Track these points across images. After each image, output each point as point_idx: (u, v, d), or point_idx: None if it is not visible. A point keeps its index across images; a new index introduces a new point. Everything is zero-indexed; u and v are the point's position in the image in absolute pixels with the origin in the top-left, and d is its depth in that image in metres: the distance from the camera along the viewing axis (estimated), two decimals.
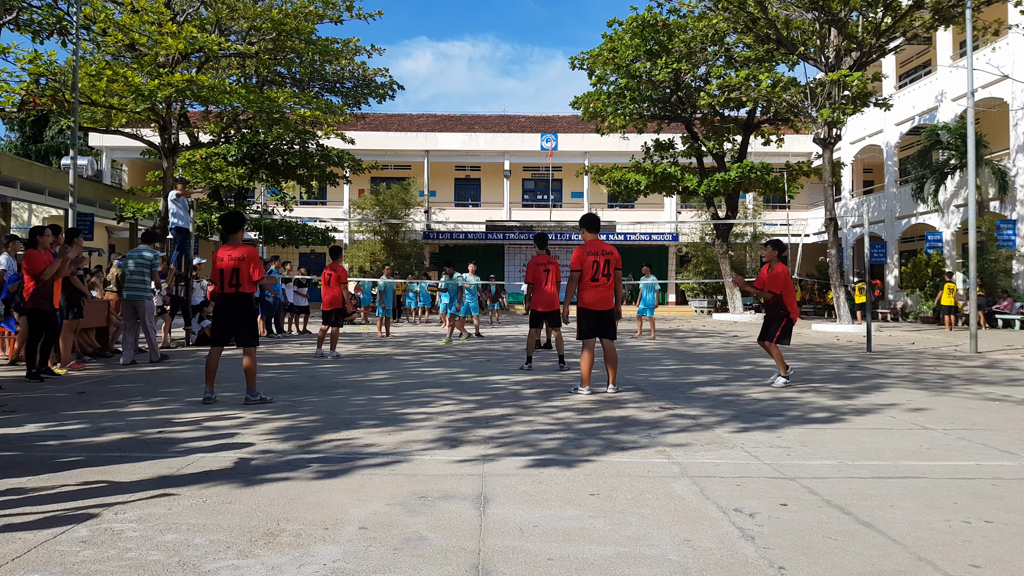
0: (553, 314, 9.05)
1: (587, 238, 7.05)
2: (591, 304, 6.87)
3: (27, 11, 12.26)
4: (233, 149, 23.69)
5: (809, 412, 5.95)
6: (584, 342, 6.98)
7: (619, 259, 6.98)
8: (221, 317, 6.35)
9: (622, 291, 7.08)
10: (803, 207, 37.36)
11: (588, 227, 7.08)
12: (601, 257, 6.84)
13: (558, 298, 8.82)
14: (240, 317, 6.30)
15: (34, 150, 41.07)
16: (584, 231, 7.09)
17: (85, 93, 15.59)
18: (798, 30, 20.68)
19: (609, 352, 6.99)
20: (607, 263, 6.84)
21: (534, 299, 9.01)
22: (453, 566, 2.59)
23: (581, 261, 6.83)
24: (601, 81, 24.51)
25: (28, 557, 2.62)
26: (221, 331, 6.37)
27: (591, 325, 6.92)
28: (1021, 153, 21.71)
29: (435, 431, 5.02)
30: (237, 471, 3.89)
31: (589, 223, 7.11)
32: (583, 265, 6.82)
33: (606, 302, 6.89)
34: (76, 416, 5.53)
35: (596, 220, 7.19)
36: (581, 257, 6.83)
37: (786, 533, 2.97)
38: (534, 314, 9.13)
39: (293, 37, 19.34)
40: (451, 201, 39.78)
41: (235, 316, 6.29)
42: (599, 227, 7.16)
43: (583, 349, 6.98)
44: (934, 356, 11.50)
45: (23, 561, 2.59)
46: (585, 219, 7.18)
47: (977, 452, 4.51)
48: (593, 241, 6.99)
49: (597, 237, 7.08)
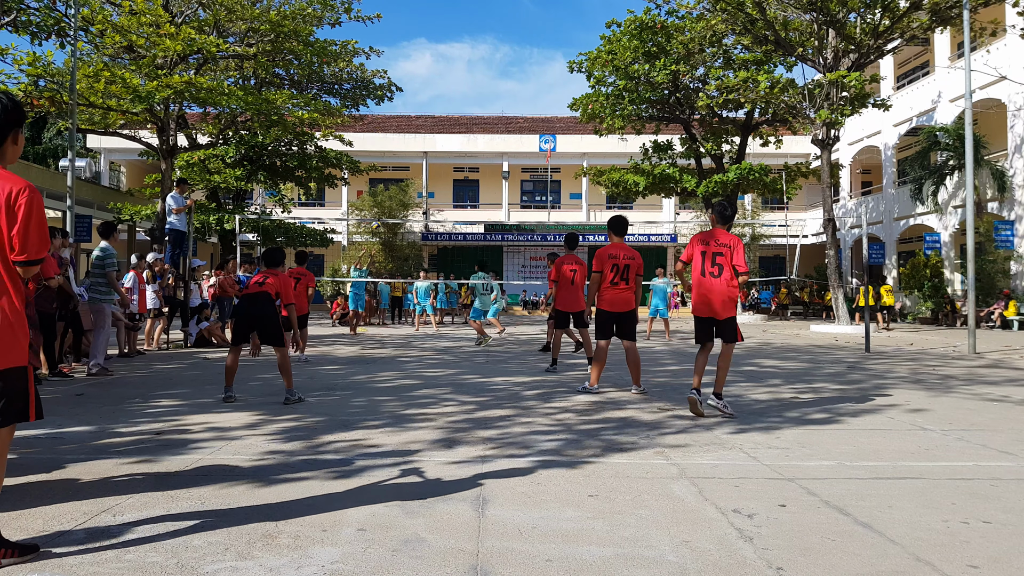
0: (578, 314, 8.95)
1: (612, 240, 7.06)
2: (609, 306, 6.88)
3: (25, 12, 12.25)
4: (231, 151, 23.68)
5: (808, 413, 5.95)
6: (598, 343, 7.00)
7: (641, 264, 6.95)
8: (242, 316, 6.40)
9: (640, 295, 7.05)
10: (801, 208, 37.39)
11: (613, 229, 7.10)
12: (622, 260, 6.83)
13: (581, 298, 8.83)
14: (261, 315, 6.33)
15: (32, 152, 41.05)
16: (610, 233, 7.12)
17: (83, 95, 15.58)
18: (796, 31, 20.71)
19: (630, 353, 6.97)
20: (627, 267, 6.83)
21: (558, 299, 8.97)
22: (452, 568, 2.59)
23: (601, 262, 6.86)
24: (599, 83, 24.53)
25: (26, 558, 2.62)
26: (242, 330, 6.42)
27: (608, 326, 6.93)
28: (1019, 154, 21.75)
29: (435, 432, 5.02)
30: (235, 472, 3.89)
31: (614, 225, 7.11)
32: (603, 266, 6.85)
33: (625, 304, 6.86)
34: (74, 418, 5.52)
35: (620, 222, 7.14)
36: (602, 258, 6.87)
37: (785, 534, 2.97)
38: (559, 314, 9.14)
39: (291, 39, 19.35)
40: (449, 202, 39.78)
41: (256, 315, 6.33)
42: (624, 230, 7.13)
43: (596, 349, 7.00)
44: (932, 357, 11.51)
45: (22, 561, 2.59)
46: (610, 221, 7.17)
47: (975, 453, 4.52)
48: (616, 244, 6.99)
49: (622, 240, 7.07)
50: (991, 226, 21.17)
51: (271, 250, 6.86)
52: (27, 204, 2.60)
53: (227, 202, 26.47)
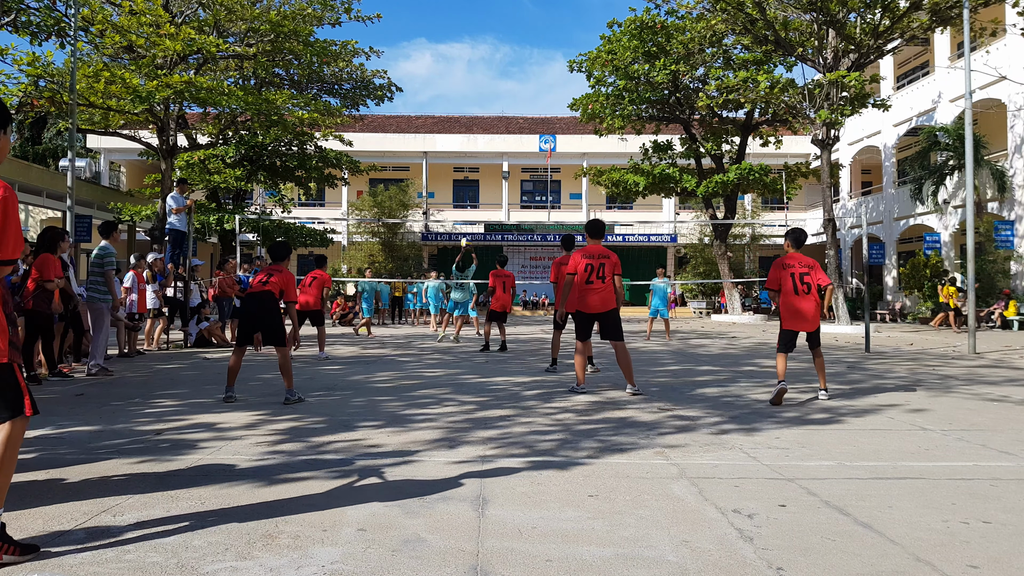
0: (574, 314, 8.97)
1: (589, 243, 7.18)
2: (585, 307, 7.00)
3: (25, 12, 12.25)
4: (231, 151, 23.69)
5: (808, 413, 5.95)
6: (576, 343, 7.11)
7: (617, 263, 7.03)
8: (245, 316, 6.41)
9: (622, 294, 7.09)
10: (801, 208, 37.40)
11: (589, 232, 7.22)
12: (596, 260, 6.92)
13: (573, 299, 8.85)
14: (264, 315, 6.33)
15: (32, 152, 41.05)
16: (587, 235, 7.22)
17: (83, 95, 15.58)
18: (796, 31, 20.71)
19: (618, 354, 6.98)
20: (602, 266, 6.92)
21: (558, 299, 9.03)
22: (452, 568, 2.59)
23: (575, 264, 6.98)
24: (599, 83, 24.54)
25: (26, 557, 2.62)
26: (245, 331, 6.42)
27: (585, 327, 7.06)
28: (1019, 154, 21.75)
29: (435, 432, 5.02)
30: (235, 472, 3.89)
31: (589, 228, 7.25)
32: (576, 267, 6.95)
33: (602, 304, 6.94)
34: (74, 418, 5.52)
35: (595, 226, 7.25)
36: (575, 260, 6.99)
37: (784, 534, 2.97)
38: None
39: (291, 39, 19.35)
40: (449, 202, 39.80)
41: (259, 314, 6.34)
42: (600, 233, 7.24)
43: (576, 349, 7.09)
44: (932, 357, 11.51)
45: (22, 560, 2.59)
46: (587, 225, 7.33)
47: (975, 453, 4.52)
48: (591, 245, 7.11)
49: (599, 242, 7.17)
50: (991, 226, 21.17)
51: (278, 244, 6.84)
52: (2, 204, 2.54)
53: (227, 202, 26.49)
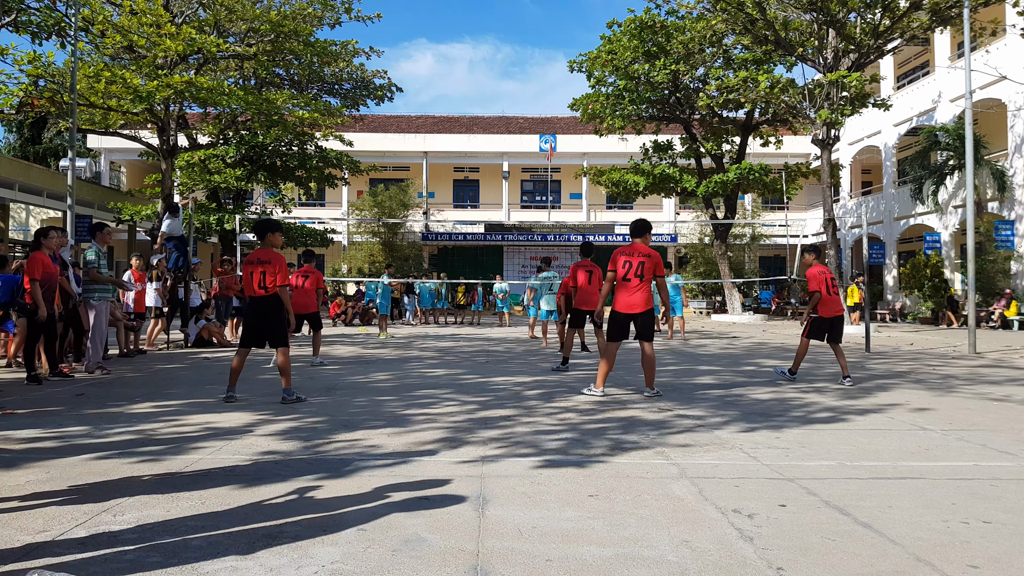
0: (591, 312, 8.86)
1: (633, 242, 7.02)
2: (624, 307, 6.79)
3: (25, 12, 12.24)
4: (231, 151, 23.68)
5: (808, 413, 5.95)
6: (607, 345, 6.90)
7: (659, 262, 6.81)
8: (251, 319, 6.40)
9: (666, 295, 6.96)
10: (802, 208, 37.38)
11: (632, 231, 7.09)
12: (636, 258, 6.77)
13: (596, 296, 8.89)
14: (271, 319, 6.35)
15: (32, 152, 41.07)
16: (630, 235, 7.13)
17: (83, 95, 15.58)
18: (796, 31, 20.68)
19: (646, 354, 6.84)
20: (641, 264, 6.74)
21: (575, 298, 9.22)
22: (452, 568, 2.59)
23: (614, 260, 6.88)
24: (599, 83, 24.52)
25: (26, 558, 2.62)
26: (251, 333, 6.42)
27: (619, 329, 6.85)
28: (1019, 154, 21.74)
29: (435, 432, 5.02)
30: (236, 472, 3.89)
31: (632, 227, 7.12)
32: (615, 264, 6.85)
33: (638, 305, 6.75)
34: (75, 418, 5.52)
35: (636, 225, 7.11)
36: (615, 257, 6.91)
37: (785, 534, 2.97)
38: (575, 313, 9.23)
39: (291, 39, 19.35)
40: (450, 202, 39.77)
41: (266, 318, 6.34)
42: (641, 231, 7.05)
43: (605, 350, 6.88)
44: (933, 356, 11.50)
45: (21, 562, 2.59)
46: (631, 224, 7.20)
47: (975, 453, 4.52)
48: (632, 244, 6.98)
49: (641, 240, 6.99)
50: (991, 226, 21.15)
51: (262, 220, 6.69)
52: None
53: (227, 202, 26.48)
